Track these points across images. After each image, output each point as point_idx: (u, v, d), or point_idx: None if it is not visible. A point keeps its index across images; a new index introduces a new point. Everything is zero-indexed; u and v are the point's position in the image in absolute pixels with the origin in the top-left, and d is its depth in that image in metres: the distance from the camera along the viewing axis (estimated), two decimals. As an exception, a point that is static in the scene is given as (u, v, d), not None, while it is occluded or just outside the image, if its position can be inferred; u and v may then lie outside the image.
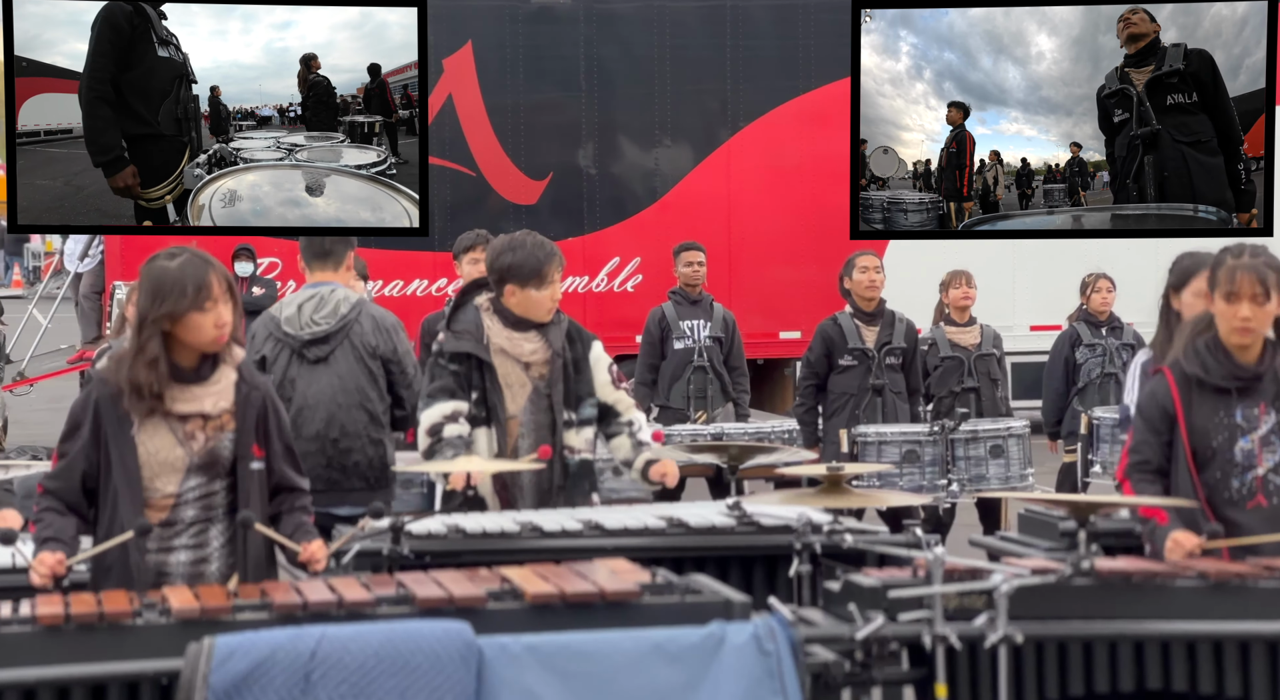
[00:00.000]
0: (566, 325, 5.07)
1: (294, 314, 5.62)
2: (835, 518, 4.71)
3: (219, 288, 3.80)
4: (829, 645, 3.66)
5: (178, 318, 3.76)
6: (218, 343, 3.82)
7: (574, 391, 5.00)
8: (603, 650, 3.43)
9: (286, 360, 5.61)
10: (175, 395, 3.80)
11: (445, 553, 4.49)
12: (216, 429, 3.84)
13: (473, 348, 4.95)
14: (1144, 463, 4.24)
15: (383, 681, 3.32)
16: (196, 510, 3.84)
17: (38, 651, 3.37)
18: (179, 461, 3.81)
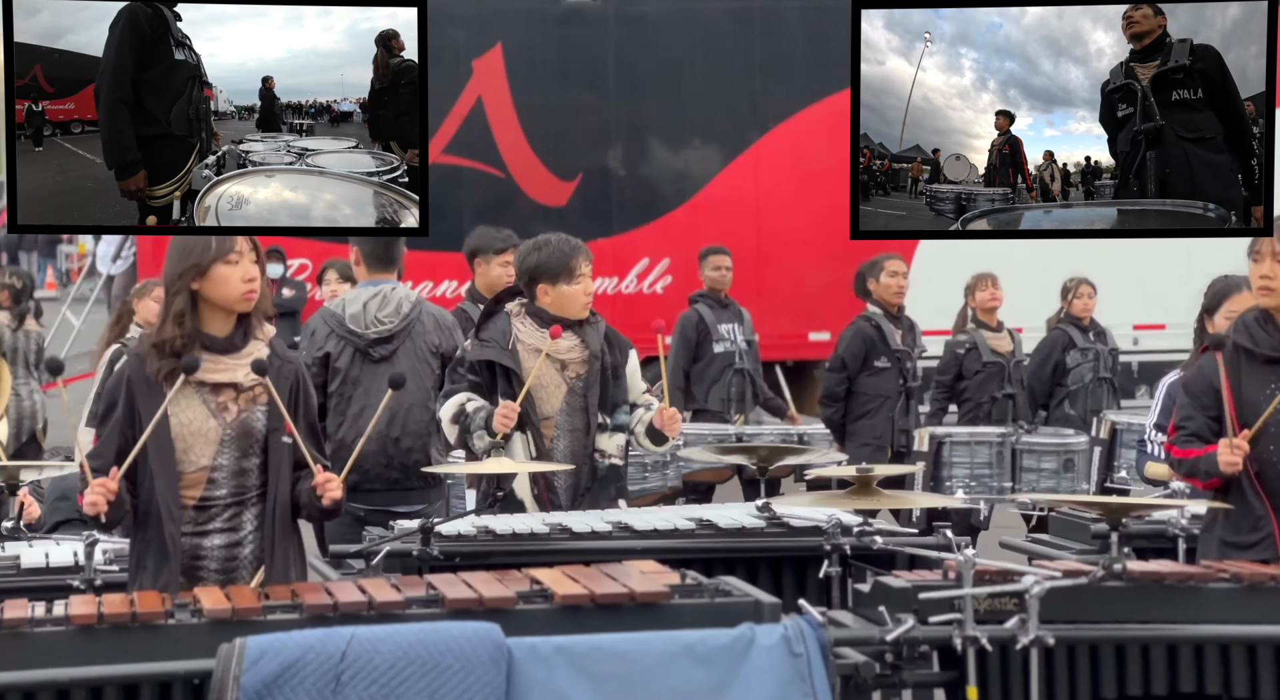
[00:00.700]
0: (604, 328, 5.08)
1: (359, 312, 5.57)
2: (865, 519, 4.70)
3: (245, 244, 3.80)
4: (859, 647, 3.65)
5: (204, 270, 3.77)
6: (247, 299, 3.82)
7: (610, 396, 5.00)
8: (632, 652, 3.43)
9: (350, 358, 5.56)
10: (207, 365, 3.80)
11: (475, 554, 4.50)
12: (249, 401, 3.83)
13: (496, 355, 4.95)
14: (1191, 434, 4.31)
15: (413, 682, 3.32)
16: (230, 488, 3.84)
17: (71, 651, 3.38)
18: (212, 433, 3.80)
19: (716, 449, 6.40)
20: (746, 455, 6.00)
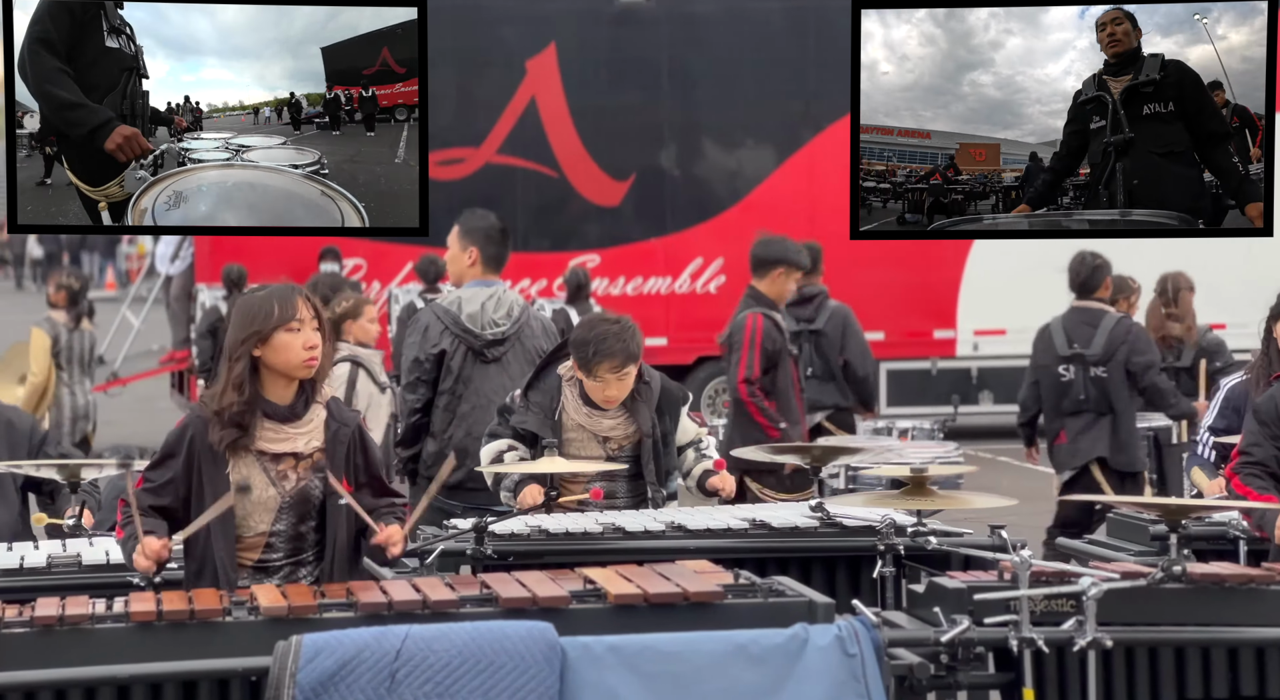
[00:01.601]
0: (658, 398, 4.90)
1: (477, 311, 5.54)
2: (919, 519, 4.68)
3: (306, 311, 3.79)
4: (914, 648, 3.63)
5: (266, 337, 3.75)
6: (309, 366, 3.80)
7: (664, 466, 4.93)
8: (685, 651, 3.43)
9: (464, 358, 5.54)
10: (268, 434, 3.80)
11: (528, 553, 4.51)
12: (308, 468, 3.84)
13: (537, 427, 4.85)
14: (1255, 463, 4.20)
15: (467, 681, 3.33)
16: (286, 550, 3.86)
17: (131, 648, 3.42)
18: (272, 501, 3.82)
19: (770, 449, 6.38)
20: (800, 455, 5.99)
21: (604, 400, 4.86)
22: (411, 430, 5.60)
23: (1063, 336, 7.33)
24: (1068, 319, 7.41)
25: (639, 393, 4.88)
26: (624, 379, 4.82)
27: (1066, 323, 7.38)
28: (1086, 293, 7.36)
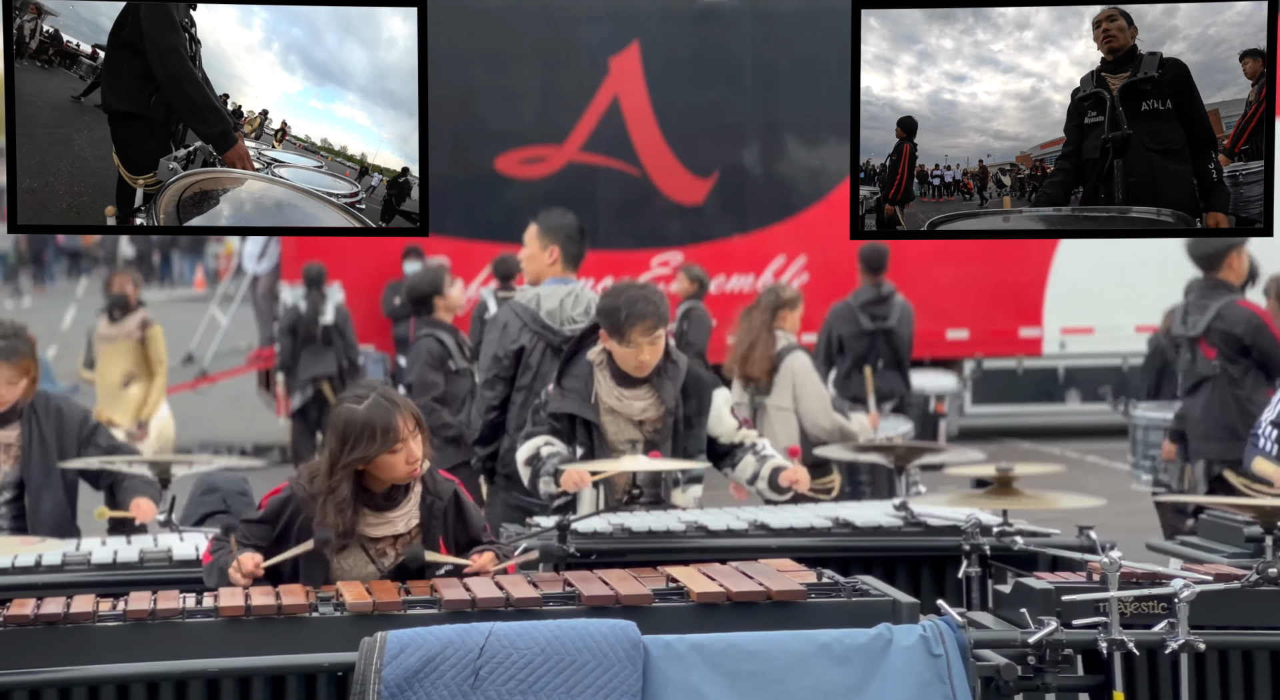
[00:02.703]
0: (684, 377, 4.92)
1: (555, 308, 5.55)
2: (1005, 519, 4.63)
3: (406, 428, 3.83)
4: (1000, 649, 3.60)
5: (369, 461, 3.83)
6: (411, 476, 3.88)
7: (683, 448, 4.90)
8: (769, 650, 3.42)
9: (542, 354, 5.54)
10: (368, 521, 3.87)
11: (611, 551, 4.51)
12: (405, 544, 3.91)
13: (577, 408, 4.87)
14: None
15: (550, 678, 3.34)
16: None
17: (220, 642, 3.47)
18: (371, 576, 3.89)
19: (853, 447, 6.34)
20: (883, 454, 5.95)
21: (637, 367, 4.85)
22: (489, 428, 5.63)
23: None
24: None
25: (665, 369, 4.90)
26: (655, 343, 4.84)
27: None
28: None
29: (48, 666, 3.38)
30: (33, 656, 3.39)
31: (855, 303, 9.18)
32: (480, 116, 12.56)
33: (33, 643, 3.41)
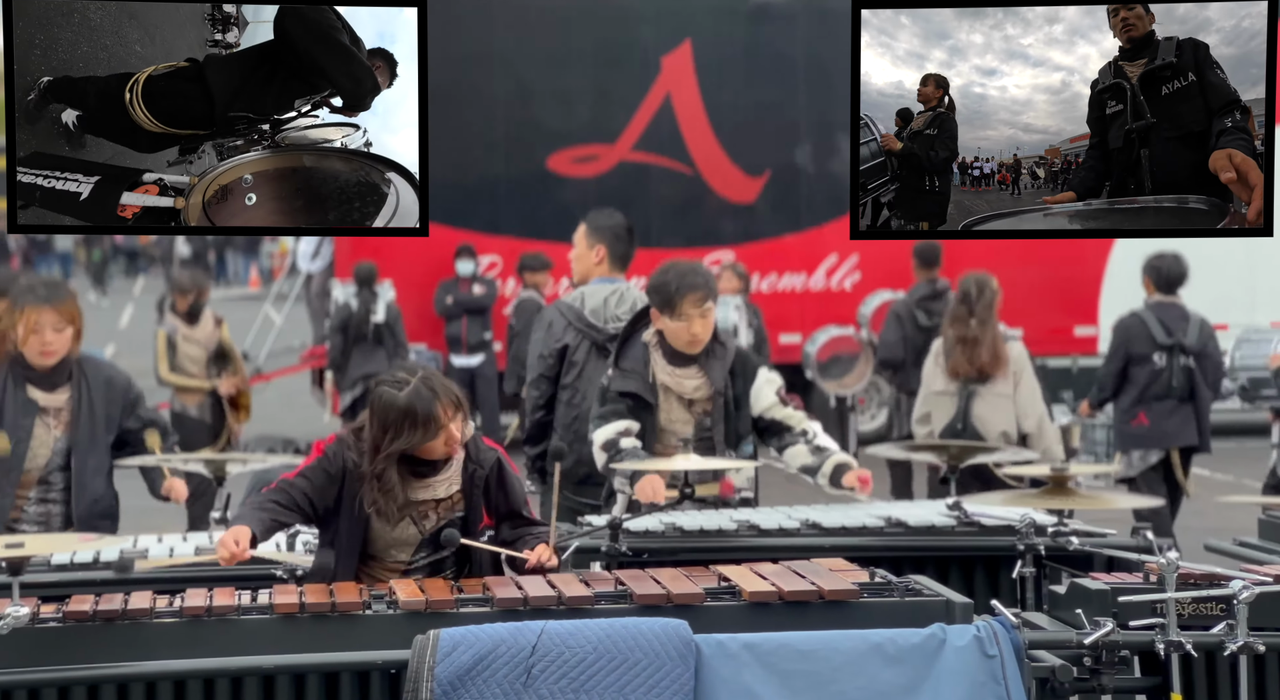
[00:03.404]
0: (732, 359, 4.94)
1: (600, 306, 5.58)
2: (1060, 519, 4.59)
3: (446, 414, 3.88)
4: (1055, 650, 3.57)
5: (412, 449, 3.88)
6: (449, 454, 3.94)
7: (734, 430, 4.92)
8: (821, 650, 3.41)
9: (586, 352, 5.57)
10: (410, 485, 3.92)
11: (662, 550, 4.51)
12: (447, 509, 3.95)
13: (638, 387, 4.91)
14: None
15: (602, 677, 3.35)
16: (424, 573, 3.96)
17: (274, 639, 3.49)
18: (412, 538, 3.94)
19: (907, 446, 6.32)
20: (937, 453, 5.91)
21: (689, 341, 4.88)
22: (536, 427, 5.64)
23: (1160, 328, 7.61)
24: (1159, 312, 7.68)
25: (713, 351, 4.92)
26: (706, 316, 4.87)
27: (1159, 315, 7.67)
28: (1172, 289, 7.72)
29: (106, 662, 3.41)
30: (91, 652, 3.42)
31: (911, 299, 9.24)
32: (533, 115, 12.59)
33: (91, 639, 3.45)
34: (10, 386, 4.85)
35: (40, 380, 4.88)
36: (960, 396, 6.91)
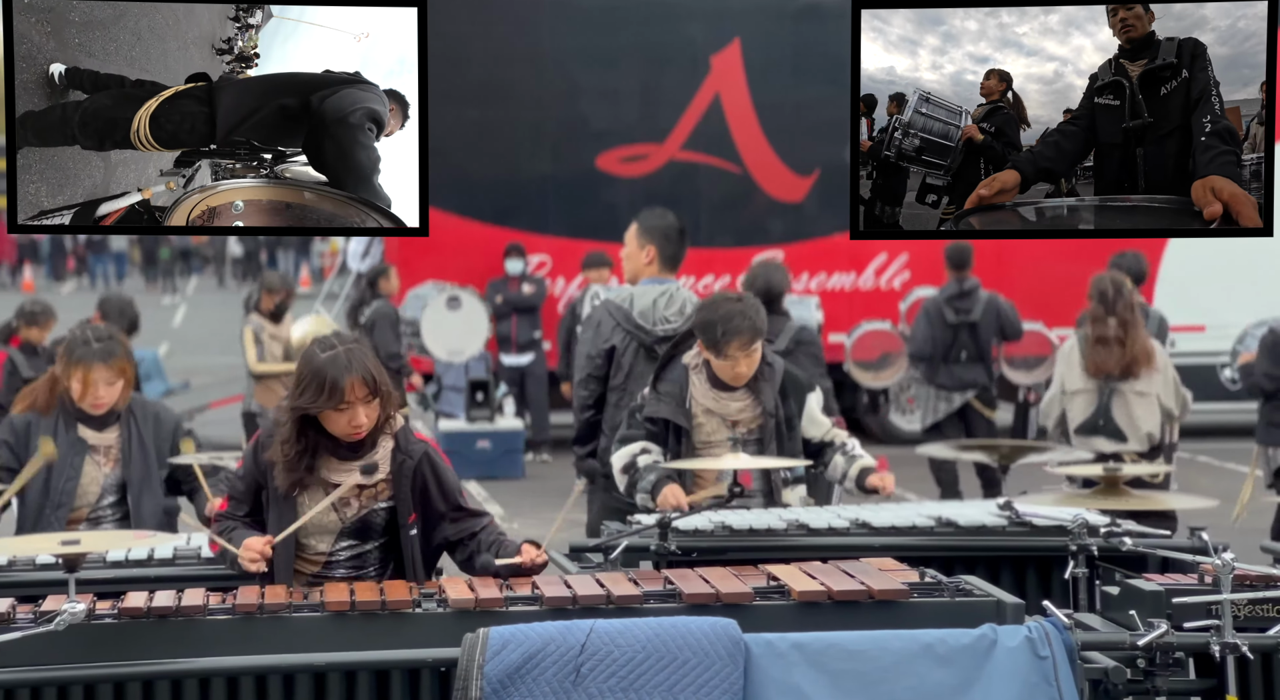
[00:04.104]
0: (780, 380, 4.93)
1: (649, 308, 5.56)
2: (1113, 520, 4.55)
3: (356, 393, 3.80)
4: (1108, 651, 3.54)
5: (314, 413, 3.84)
6: (351, 437, 3.87)
7: (788, 450, 4.91)
8: (871, 650, 3.39)
9: (634, 353, 5.57)
10: (333, 466, 3.88)
11: (712, 549, 4.51)
12: (370, 497, 3.90)
13: (671, 414, 4.89)
14: None
15: (651, 676, 3.35)
16: (347, 570, 3.93)
17: (326, 637, 3.52)
18: (332, 525, 3.90)
19: (956, 446, 6.28)
20: (987, 452, 5.88)
21: (733, 378, 4.88)
22: (585, 427, 5.65)
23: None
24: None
25: (762, 373, 4.92)
26: (751, 355, 4.86)
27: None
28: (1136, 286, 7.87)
29: (160, 659, 3.44)
30: (146, 649, 3.46)
31: (941, 297, 9.37)
32: (582, 114, 12.61)
33: (146, 635, 3.48)
34: (61, 426, 4.92)
35: (89, 420, 4.95)
36: (1100, 394, 6.95)
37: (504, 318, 12.19)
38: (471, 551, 3.93)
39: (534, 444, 12.22)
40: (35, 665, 3.37)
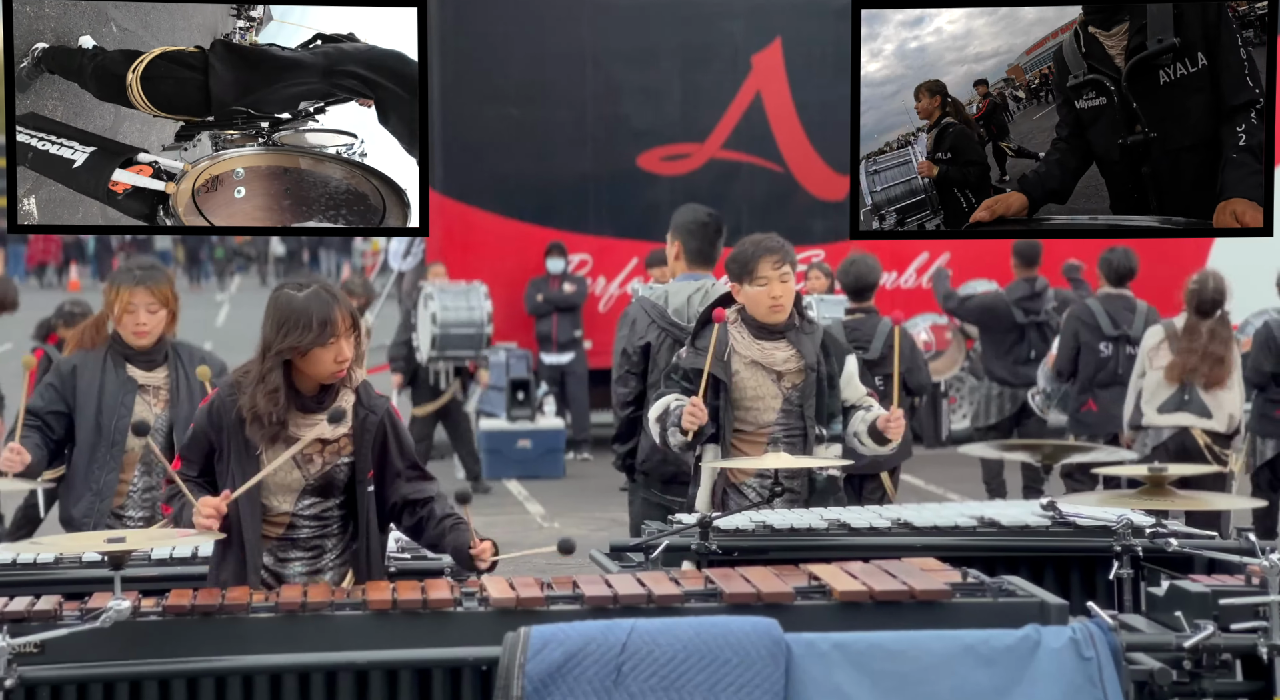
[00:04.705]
0: (821, 335, 4.93)
1: (683, 305, 5.55)
2: (1158, 520, 4.52)
3: (343, 324, 3.80)
4: (1154, 653, 3.51)
5: (303, 352, 3.81)
6: (336, 377, 3.86)
7: (826, 407, 4.89)
8: (913, 650, 3.38)
9: (670, 351, 5.52)
10: (296, 421, 3.86)
11: (752, 548, 4.50)
12: (333, 453, 3.89)
13: (710, 366, 4.85)
14: None
15: (692, 675, 3.34)
16: (311, 529, 3.91)
17: (368, 635, 3.53)
18: (295, 483, 3.88)
19: (999, 445, 6.25)
20: (1031, 452, 5.84)
21: (771, 307, 4.84)
22: (625, 424, 5.65)
23: (1106, 319, 8.14)
24: (1106, 304, 8.24)
25: (803, 326, 4.91)
26: (786, 280, 4.85)
27: (1107, 306, 8.22)
28: (1122, 282, 8.27)
29: (204, 656, 3.47)
30: (190, 646, 3.48)
31: (1009, 297, 9.28)
32: (623, 113, 12.61)
33: (190, 632, 3.50)
34: (109, 364, 4.95)
35: (137, 359, 4.97)
36: (1187, 391, 7.08)
37: (544, 316, 12.20)
38: (422, 518, 3.89)
39: (575, 443, 12.23)
40: (82, 662, 3.40)
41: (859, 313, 7.56)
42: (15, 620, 3.44)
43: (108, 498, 4.88)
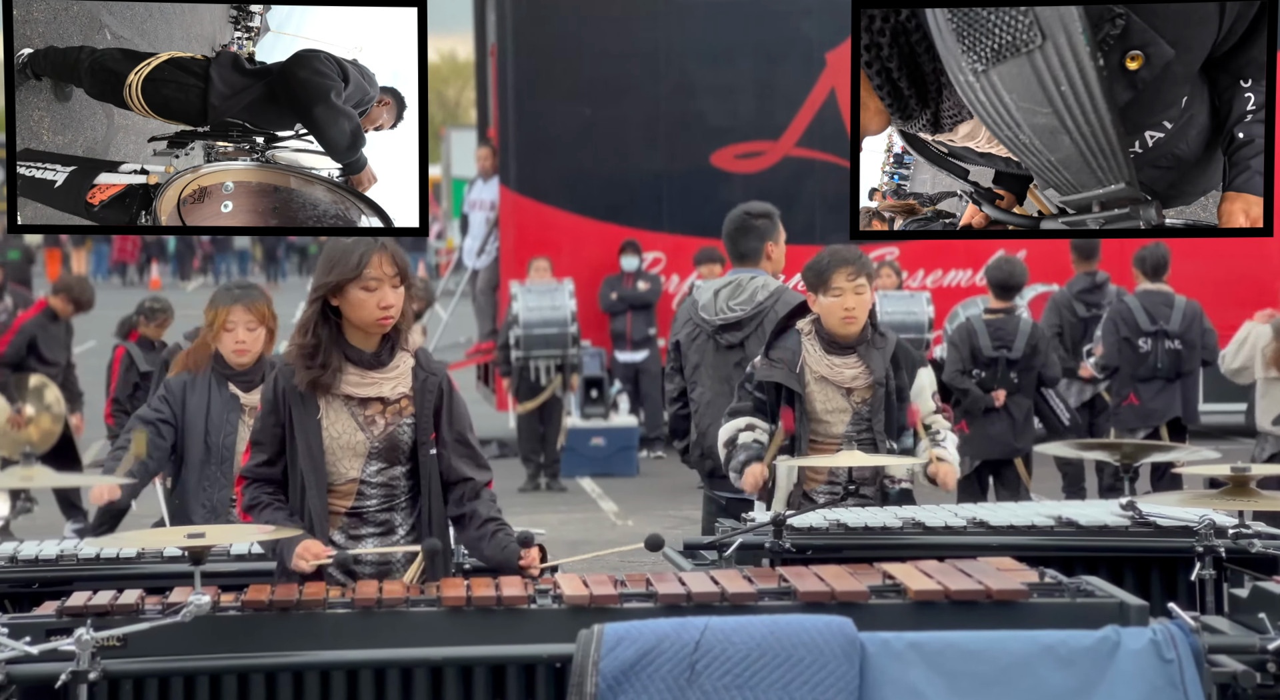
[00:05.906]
0: (893, 348, 4.90)
1: (710, 300, 5.58)
2: (1241, 520, 4.45)
3: (384, 268, 3.79)
4: (1237, 656, 3.46)
5: (341, 288, 3.81)
6: (381, 325, 3.84)
7: (896, 421, 4.86)
8: (990, 650, 3.35)
9: (701, 346, 5.60)
10: (354, 379, 3.87)
11: (826, 547, 4.48)
12: (395, 414, 3.89)
13: (784, 378, 4.86)
14: None
15: (766, 674, 3.33)
16: (379, 498, 3.91)
17: (442, 632, 3.55)
18: (360, 446, 3.88)
19: (1078, 445, 6.18)
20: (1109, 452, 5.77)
21: (844, 319, 4.83)
22: (677, 420, 5.69)
23: (1144, 315, 8.30)
24: (1144, 299, 8.38)
25: (874, 341, 4.88)
26: (860, 292, 4.83)
27: (1145, 302, 8.36)
28: (1158, 276, 8.43)
29: (282, 651, 3.50)
30: (268, 641, 3.52)
31: (1070, 291, 9.22)
32: (697, 111, 12.61)
33: (268, 627, 3.54)
34: (214, 384, 5.05)
35: (238, 379, 5.07)
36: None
37: (619, 314, 12.22)
38: (465, 515, 3.89)
39: (648, 441, 12.23)
40: (163, 656, 3.45)
41: (1001, 312, 7.57)
42: (99, 614, 3.50)
43: (222, 514, 4.97)
